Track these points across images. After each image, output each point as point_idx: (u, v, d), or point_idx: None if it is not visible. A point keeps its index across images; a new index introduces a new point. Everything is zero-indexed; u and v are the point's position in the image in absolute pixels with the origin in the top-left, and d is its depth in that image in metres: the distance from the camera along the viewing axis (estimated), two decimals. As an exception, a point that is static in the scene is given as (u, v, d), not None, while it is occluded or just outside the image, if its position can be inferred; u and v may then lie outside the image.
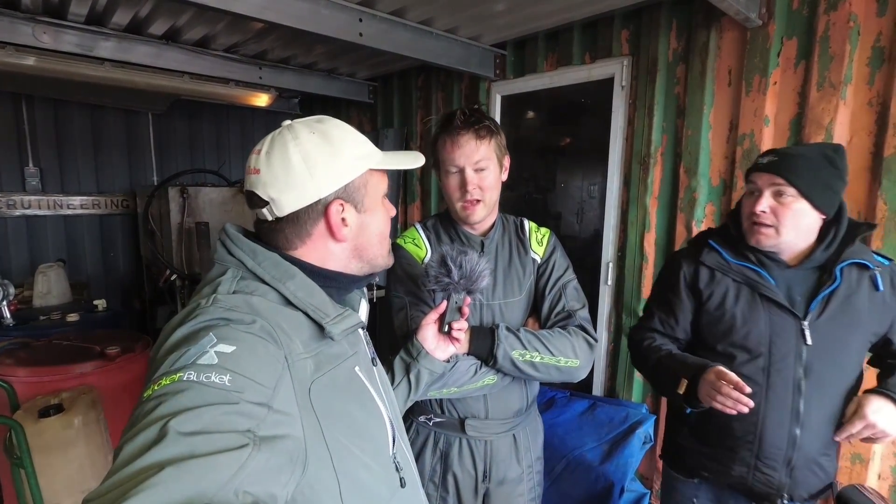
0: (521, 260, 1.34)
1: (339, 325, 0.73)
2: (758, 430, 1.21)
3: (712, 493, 1.35)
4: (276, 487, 0.56)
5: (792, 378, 1.19)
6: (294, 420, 0.62)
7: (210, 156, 4.96)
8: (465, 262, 1.04)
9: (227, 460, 0.50)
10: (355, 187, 0.77)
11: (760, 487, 1.23)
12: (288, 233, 0.76)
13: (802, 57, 1.87)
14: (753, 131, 1.98)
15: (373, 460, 0.76)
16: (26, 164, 4.06)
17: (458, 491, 1.33)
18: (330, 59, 3.39)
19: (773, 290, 1.20)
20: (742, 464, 1.24)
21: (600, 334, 2.62)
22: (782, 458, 1.20)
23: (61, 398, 1.92)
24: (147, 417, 0.51)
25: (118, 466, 0.48)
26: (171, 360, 0.58)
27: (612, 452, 2.18)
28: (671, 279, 1.37)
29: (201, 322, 0.63)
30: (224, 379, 0.56)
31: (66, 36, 2.73)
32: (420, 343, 1.08)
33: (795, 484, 1.21)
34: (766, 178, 1.15)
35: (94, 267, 4.49)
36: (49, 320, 2.98)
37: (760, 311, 1.21)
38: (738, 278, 1.25)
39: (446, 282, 1.04)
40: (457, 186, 1.24)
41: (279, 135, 0.75)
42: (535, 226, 1.42)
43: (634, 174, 2.41)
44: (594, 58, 2.55)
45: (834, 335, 1.18)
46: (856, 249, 1.19)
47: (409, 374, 1.07)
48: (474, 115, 1.22)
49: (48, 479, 1.79)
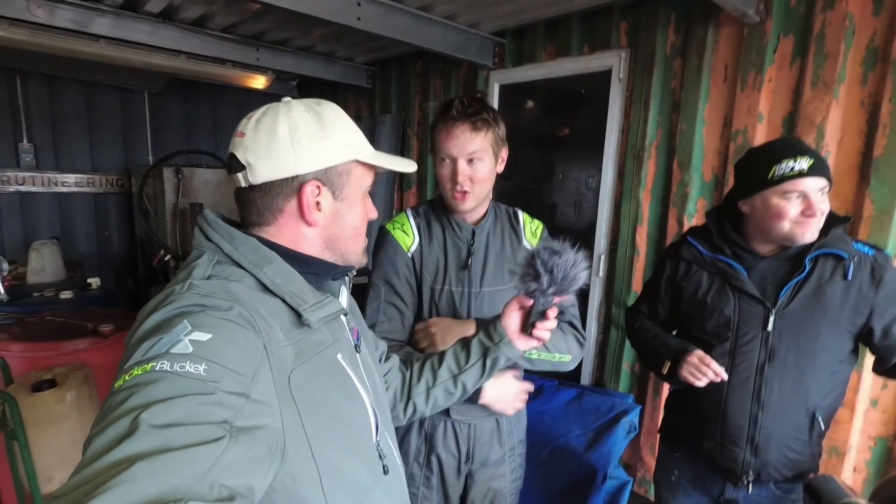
0: (512, 249, 1.36)
1: (317, 312, 0.71)
2: (721, 409, 1.31)
3: (691, 467, 1.44)
4: (253, 479, 0.55)
5: (756, 362, 1.27)
6: (272, 410, 0.61)
7: (206, 137, 4.94)
8: (557, 267, 0.94)
9: (202, 453, 0.48)
10: (337, 173, 0.76)
11: (727, 463, 1.32)
12: (259, 204, 0.74)
13: (798, 55, 1.88)
14: (747, 128, 2.00)
15: (355, 448, 0.76)
16: (20, 140, 4.04)
17: (442, 471, 1.37)
18: (328, 42, 3.37)
19: (742, 280, 1.28)
20: (710, 439, 1.34)
21: (590, 326, 2.65)
22: (745, 436, 1.29)
23: (54, 373, 1.94)
24: (118, 409, 0.50)
25: (87, 461, 0.46)
26: (143, 349, 0.56)
27: (597, 440, 2.23)
28: (656, 273, 1.51)
29: (176, 308, 0.61)
30: (199, 368, 0.54)
31: (61, 11, 2.70)
32: (503, 329, 1.00)
33: (763, 463, 1.28)
34: (813, 181, 1.16)
35: (89, 245, 4.49)
36: (43, 297, 2.98)
37: (729, 300, 1.30)
38: (711, 270, 1.35)
39: (533, 287, 0.95)
40: (448, 176, 1.25)
41: (275, 106, 0.74)
42: (528, 217, 1.44)
43: (629, 167, 2.42)
44: (593, 49, 2.54)
45: (801, 323, 1.23)
46: (830, 240, 1.22)
47: (487, 358, 1.00)
48: (473, 106, 1.21)
49: (41, 452, 1.82)
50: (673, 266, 1.43)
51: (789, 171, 1.16)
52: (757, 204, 1.24)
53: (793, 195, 1.18)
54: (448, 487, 1.39)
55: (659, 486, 1.55)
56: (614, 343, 2.55)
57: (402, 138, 3.69)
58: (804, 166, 1.16)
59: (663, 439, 1.55)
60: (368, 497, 0.77)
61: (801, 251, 1.24)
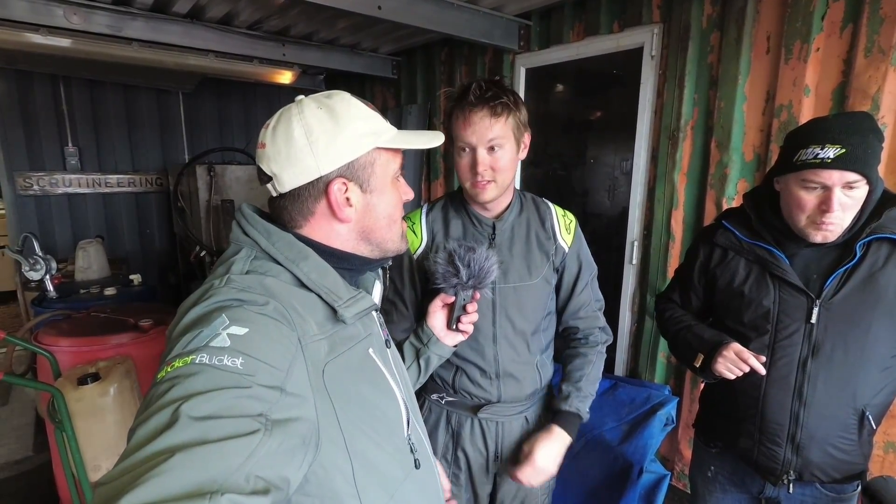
0: (541, 244, 1.29)
1: (351, 308, 0.72)
2: (759, 406, 1.23)
3: (729, 463, 1.37)
4: (288, 470, 0.56)
5: (798, 357, 1.17)
6: (307, 402, 0.62)
7: (238, 134, 5.05)
8: (473, 261, 1.04)
9: (239, 446, 0.50)
10: (360, 166, 0.74)
11: (765, 462, 1.24)
12: (291, 210, 0.75)
13: (850, 20, 1.73)
14: (792, 102, 1.86)
15: (386, 442, 0.76)
16: (66, 144, 4.24)
17: (470, 468, 1.35)
18: (352, 33, 3.35)
19: (783, 269, 1.17)
20: (747, 437, 1.26)
21: (624, 315, 2.57)
22: (785, 434, 1.20)
23: (98, 367, 2.03)
24: (160, 400, 0.52)
25: (130, 450, 0.48)
26: (184, 342, 0.58)
27: (632, 433, 2.16)
28: (689, 259, 1.41)
29: (214, 303, 0.63)
30: (236, 362, 0.55)
31: (96, 17, 2.78)
32: (430, 329, 1.09)
33: (805, 463, 1.19)
34: (836, 175, 1.05)
35: (132, 243, 4.69)
36: (89, 294, 3.13)
37: (769, 290, 1.20)
38: (749, 257, 1.24)
39: (454, 281, 1.04)
40: (467, 167, 1.17)
41: (287, 109, 0.74)
42: (560, 210, 1.36)
43: (663, 149, 2.31)
44: (623, 26, 2.43)
45: (850, 315, 1.12)
46: (884, 222, 1.11)
47: (419, 359, 1.09)
48: (491, 90, 1.13)
49: (87, 442, 1.91)
50: (707, 252, 1.33)
51: (811, 159, 1.05)
52: (782, 187, 1.15)
53: (812, 185, 1.07)
54: (477, 486, 1.36)
55: (695, 482, 1.48)
56: (649, 333, 2.45)
57: (428, 128, 3.66)
58: (829, 155, 1.03)
59: (699, 434, 1.47)
60: (399, 491, 0.77)
61: (850, 236, 1.12)
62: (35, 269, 3.06)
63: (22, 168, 4.10)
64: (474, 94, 1.13)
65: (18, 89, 4.00)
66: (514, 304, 1.26)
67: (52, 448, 2.20)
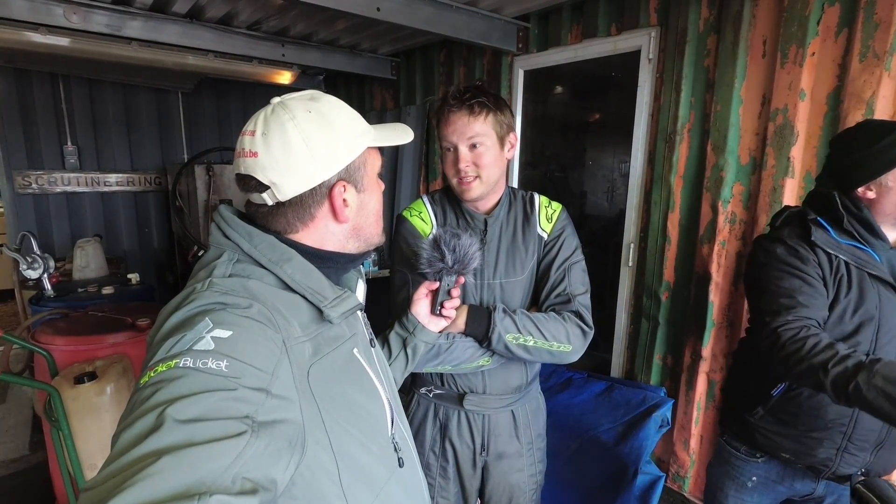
0: (525, 238, 1.31)
1: (337, 307, 0.72)
2: (854, 414, 1.18)
3: (776, 472, 1.33)
4: (275, 472, 0.56)
5: None
6: (293, 404, 0.62)
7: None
8: (458, 246, 1.06)
9: (226, 448, 0.50)
10: (355, 167, 0.76)
11: (845, 469, 1.22)
12: (290, 216, 0.75)
13: (845, 25, 1.74)
14: (787, 106, 1.87)
15: (371, 441, 0.76)
16: (65, 143, 4.24)
17: (458, 461, 1.36)
18: (352, 34, 3.36)
19: (881, 269, 1.15)
20: (831, 446, 1.21)
21: (619, 316, 2.58)
22: (874, 440, 1.19)
23: (95, 366, 2.03)
24: (144, 405, 0.51)
25: (116, 455, 0.48)
26: (167, 346, 0.57)
27: (628, 434, 2.17)
28: (802, 264, 1.18)
29: (197, 307, 0.62)
30: (221, 364, 0.55)
31: (95, 16, 2.79)
32: (415, 317, 1.11)
33: (878, 463, 1.21)
34: None
35: (131, 242, 4.69)
36: (86, 293, 3.13)
37: (871, 292, 1.15)
38: (848, 258, 1.17)
39: (440, 266, 1.06)
40: (451, 164, 1.22)
41: (273, 114, 0.72)
42: (546, 200, 1.37)
43: (659, 151, 2.32)
44: (620, 29, 2.44)
45: None
46: None
47: (407, 348, 1.11)
48: (469, 91, 1.19)
49: (84, 441, 1.91)
50: (811, 254, 1.18)
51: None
52: (890, 183, 1.12)
53: None
54: (464, 479, 1.38)
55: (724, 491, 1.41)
56: (645, 334, 2.46)
57: (426, 129, 3.67)
58: None
59: (735, 445, 1.40)
60: (384, 490, 0.77)
61: None
62: (33, 267, 3.06)
63: (21, 167, 4.10)
64: (454, 97, 1.20)
65: (17, 88, 4.00)
66: (501, 299, 1.28)
67: (48, 447, 2.20)
